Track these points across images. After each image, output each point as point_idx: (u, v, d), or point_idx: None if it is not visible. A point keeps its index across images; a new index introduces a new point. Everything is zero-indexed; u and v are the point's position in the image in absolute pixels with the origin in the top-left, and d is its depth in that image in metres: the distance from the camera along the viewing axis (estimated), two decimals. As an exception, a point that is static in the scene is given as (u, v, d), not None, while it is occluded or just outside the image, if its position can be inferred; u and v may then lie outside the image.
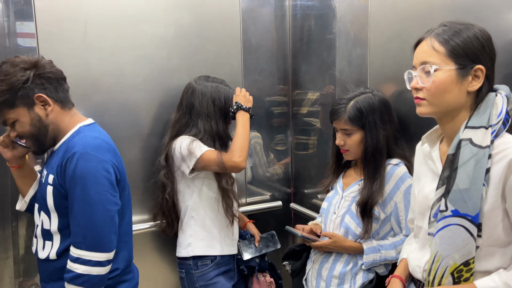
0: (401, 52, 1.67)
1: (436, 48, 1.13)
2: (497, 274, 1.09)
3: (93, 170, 1.38)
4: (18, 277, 1.90)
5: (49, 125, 1.46)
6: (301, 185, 2.46)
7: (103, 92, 1.96)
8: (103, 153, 1.42)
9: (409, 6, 1.64)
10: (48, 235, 1.48)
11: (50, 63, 1.47)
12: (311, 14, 2.24)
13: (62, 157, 1.42)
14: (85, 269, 1.36)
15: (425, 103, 1.16)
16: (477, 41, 1.12)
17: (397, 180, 1.54)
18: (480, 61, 1.12)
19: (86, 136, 1.44)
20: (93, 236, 1.38)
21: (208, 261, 1.90)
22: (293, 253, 1.85)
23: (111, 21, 1.95)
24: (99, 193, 1.38)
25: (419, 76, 1.16)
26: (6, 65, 1.40)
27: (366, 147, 1.55)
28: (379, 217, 1.55)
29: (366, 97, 1.57)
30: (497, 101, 1.13)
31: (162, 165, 1.90)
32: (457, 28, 1.13)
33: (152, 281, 2.14)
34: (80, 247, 1.37)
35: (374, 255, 1.55)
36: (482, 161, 1.07)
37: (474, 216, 1.07)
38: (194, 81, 1.93)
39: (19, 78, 1.38)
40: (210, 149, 1.80)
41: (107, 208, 1.40)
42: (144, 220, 2.08)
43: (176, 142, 1.84)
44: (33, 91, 1.41)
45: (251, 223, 2.11)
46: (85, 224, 1.37)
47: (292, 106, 2.45)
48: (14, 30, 1.81)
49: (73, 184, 1.37)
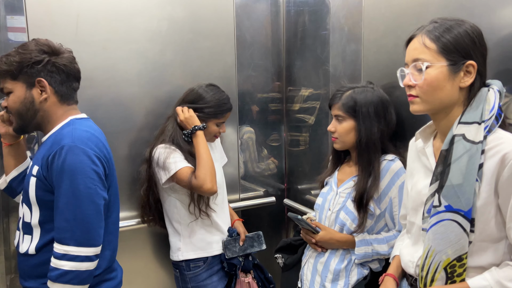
0: (395, 48, 1.67)
1: (427, 45, 1.13)
2: (489, 272, 1.09)
3: (82, 164, 1.35)
4: (9, 274, 1.89)
5: (39, 111, 1.45)
6: (295, 181, 2.46)
7: (95, 86, 1.94)
8: (91, 146, 1.40)
9: (403, 2, 1.64)
10: (28, 228, 1.45)
11: (71, 59, 1.49)
12: (305, 9, 2.24)
13: (49, 149, 1.40)
14: (72, 265, 1.33)
15: (418, 100, 1.17)
16: (468, 37, 1.12)
17: (393, 175, 1.55)
18: (472, 57, 1.12)
19: (76, 129, 1.42)
20: (82, 231, 1.34)
21: (200, 262, 1.91)
22: (289, 246, 1.85)
23: (103, 15, 1.93)
24: (88, 186, 1.36)
25: (412, 74, 1.16)
26: (32, 42, 1.45)
27: (359, 138, 1.56)
28: (374, 213, 1.56)
29: (364, 90, 1.59)
30: (489, 96, 1.13)
31: (145, 158, 1.90)
32: (448, 24, 1.14)
33: (145, 277, 2.14)
34: (67, 242, 1.33)
35: (366, 248, 1.55)
36: (475, 156, 1.07)
37: (467, 211, 1.08)
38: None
39: (33, 57, 1.41)
40: (184, 167, 1.79)
41: (96, 202, 1.38)
42: (135, 216, 2.06)
43: (157, 150, 1.84)
44: (38, 74, 1.42)
45: (239, 221, 2.10)
46: (74, 219, 1.34)
47: (286, 103, 2.45)
48: (4, 24, 1.79)
49: (61, 178, 1.34)
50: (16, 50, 1.43)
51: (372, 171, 1.55)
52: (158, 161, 1.82)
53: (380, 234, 1.59)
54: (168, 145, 1.84)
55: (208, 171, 1.78)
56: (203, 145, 1.83)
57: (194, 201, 1.85)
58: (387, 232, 1.60)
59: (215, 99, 1.89)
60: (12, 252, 1.88)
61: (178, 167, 1.78)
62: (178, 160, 1.80)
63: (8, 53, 1.43)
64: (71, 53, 1.51)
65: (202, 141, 1.84)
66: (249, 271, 2.01)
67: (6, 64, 1.41)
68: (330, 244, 1.63)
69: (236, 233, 2.00)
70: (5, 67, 1.42)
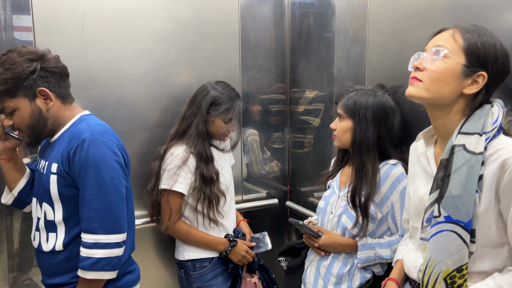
0: (400, 50, 1.67)
1: (456, 38, 1.13)
2: (492, 278, 1.09)
3: (104, 155, 1.40)
4: (12, 272, 1.89)
5: (49, 119, 1.46)
6: (298, 183, 2.45)
7: (100, 86, 1.95)
8: (111, 138, 1.45)
9: (408, 5, 1.63)
10: (52, 226, 1.47)
11: (56, 58, 1.48)
12: (310, 11, 2.24)
13: (67, 146, 1.42)
14: (104, 253, 1.38)
15: (421, 85, 1.15)
16: (495, 49, 1.11)
17: (394, 180, 1.54)
18: (488, 68, 1.11)
19: (91, 123, 1.46)
20: (110, 219, 1.40)
21: (206, 263, 1.90)
22: (292, 250, 1.85)
23: (109, 15, 1.94)
24: (113, 176, 1.41)
25: (426, 58, 1.15)
26: (13, 54, 1.39)
27: (353, 139, 1.58)
28: (375, 217, 1.55)
29: (366, 93, 1.60)
30: (493, 110, 1.13)
31: (159, 155, 1.91)
32: (482, 31, 1.13)
33: (147, 277, 2.14)
34: (96, 231, 1.38)
35: (368, 252, 1.55)
36: (475, 167, 1.07)
37: (467, 223, 1.07)
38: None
39: (25, 69, 1.38)
40: (175, 196, 1.82)
41: (120, 191, 1.43)
42: (142, 215, 2.07)
43: (174, 151, 1.84)
44: (36, 84, 1.41)
45: (244, 222, 2.11)
46: (102, 209, 1.39)
47: (290, 104, 2.45)
48: (10, 23, 1.80)
49: (86, 170, 1.38)
50: (3, 67, 1.37)
51: (365, 173, 1.55)
52: (164, 165, 1.83)
53: (383, 238, 1.59)
54: (187, 151, 1.83)
55: (182, 238, 1.89)
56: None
57: (202, 211, 1.87)
58: (389, 236, 1.59)
59: (222, 94, 1.89)
60: (15, 250, 1.89)
61: (171, 187, 1.80)
62: (179, 181, 1.81)
63: None
64: (50, 51, 1.48)
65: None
66: (254, 271, 2.01)
67: (0, 84, 1.36)
68: (332, 248, 1.63)
69: (241, 234, 2.00)
70: (0, 87, 1.37)
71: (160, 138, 2.03)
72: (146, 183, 2.02)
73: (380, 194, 1.55)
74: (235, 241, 1.90)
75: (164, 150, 1.88)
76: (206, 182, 1.84)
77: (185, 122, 1.89)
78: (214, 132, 1.90)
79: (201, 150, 1.84)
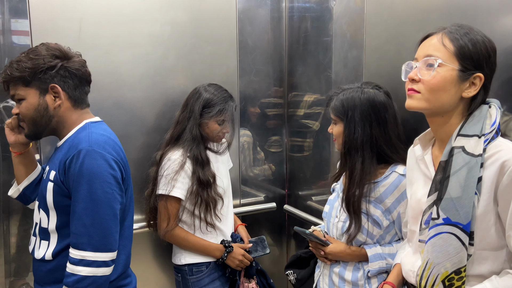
0: (397, 54, 1.67)
1: (446, 44, 1.12)
2: (489, 281, 1.09)
3: (99, 168, 1.34)
4: (8, 277, 1.89)
5: (54, 117, 1.44)
6: (296, 187, 2.45)
7: (98, 90, 1.93)
8: (109, 150, 1.39)
9: (405, 9, 1.64)
10: (45, 233, 1.44)
11: (82, 62, 1.48)
12: (308, 16, 2.24)
13: (66, 154, 1.39)
14: (90, 271, 1.32)
15: (419, 96, 1.15)
16: (485, 48, 1.11)
17: (402, 192, 1.48)
18: (483, 68, 1.11)
19: (92, 133, 1.41)
20: (99, 236, 1.34)
21: (203, 267, 1.90)
22: (299, 261, 1.79)
23: (106, 19, 1.94)
24: (106, 191, 1.35)
25: (420, 68, 1.15)
26: (42, 46, 1.42)
27: (344, 141, 1.53)
28: (382, 224, 1.51)
29: (352, 91, 1.54)
30: (491, 112, 1.13)
31: (155, 161, 1.90)
32: (468, 29, 1.13)
33: (144, 281, 2.13)
34: (84, 248, 1.33)
35: (380, 262, 1.51)
36: (474, 169, 1.07)
37: (466, 225, 1.07)
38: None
39: (46, 62, 1.39)
40: (172, 200, 1.81)
41: (113, 207, 1.37)
42: (139, 220, 2.06)
43: (170, 156, 1.83)
44: (52, 80, 1.41)
45: (242, 226, 2.09)
46: (92, 224, 1.33)
47: (288, 108, 2.45)
48: (8, 27, 1.80)
49: (79, 182, 1.33)
50: (27, 56, 1.39)
51: (356, 175, 1.49)
52: (162, 170, 1.83)
53: (393, 246, 1.54)
54: (184, 155, 1.83)
55: (179, 243, 1.89)
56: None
57: (200, 215, 1.86)
58: (397, 243, 1.54)
59: (214, 95, 1.87)
60: (12, 255, 1.88)
61: (169, 192, 1.80)
62: (177, 186, 1.80)
63: (18, 59, 1.40)
64: (81, 56, 1.50)
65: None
66: (252, 276, 2.00)
67: (18, 71, 1.38)
68: (340, 257, 1.58)
69: (239, 238, 1.99)
70: (17, 74, 1.38)
71: (157, 143, 2.03)
72: (143, 188, 2.02)
73: (386, 204, 1.50)
74: (231, 247, 1.89)
75: (161, 156, 1.87)
76: (203, 185, 1.83)
77: (179, 126, 1.88)
78: (209, 134, 1.89)
79: (197, 154, 1.84)
